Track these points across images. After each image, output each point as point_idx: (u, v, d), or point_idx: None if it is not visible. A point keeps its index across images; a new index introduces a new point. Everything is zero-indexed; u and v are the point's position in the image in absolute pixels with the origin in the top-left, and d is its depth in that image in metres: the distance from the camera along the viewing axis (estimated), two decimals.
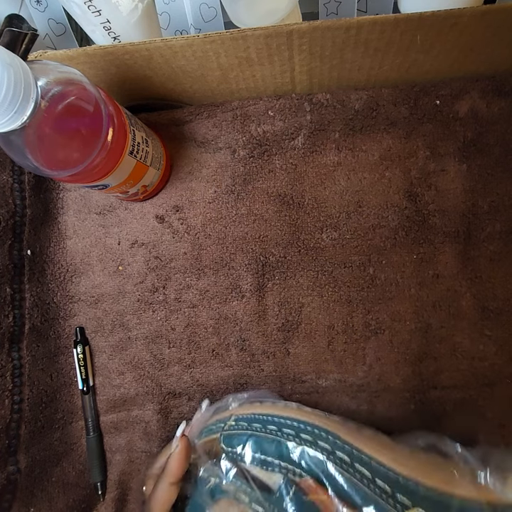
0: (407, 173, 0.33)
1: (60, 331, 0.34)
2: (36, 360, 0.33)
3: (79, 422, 0.34)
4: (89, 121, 0.23)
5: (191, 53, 0.28)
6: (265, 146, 0.34)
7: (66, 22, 0.34)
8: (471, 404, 0.32)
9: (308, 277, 0.33)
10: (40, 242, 0.34)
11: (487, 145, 0.32)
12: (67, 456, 0.33)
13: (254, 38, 0.26)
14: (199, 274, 0.34)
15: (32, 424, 0.32)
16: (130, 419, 0.34)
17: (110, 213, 0.35)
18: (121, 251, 0.34)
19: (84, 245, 0.35)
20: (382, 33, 0.26)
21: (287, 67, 0.30)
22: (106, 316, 0.34)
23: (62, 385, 0.34)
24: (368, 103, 0.33)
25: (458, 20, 0.26)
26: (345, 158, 0.33)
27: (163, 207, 0.34)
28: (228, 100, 0.34)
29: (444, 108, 0.33)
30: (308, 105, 0.33)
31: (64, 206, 0.35)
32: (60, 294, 0.34)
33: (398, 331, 0.33)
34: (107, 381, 0.34)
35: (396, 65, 0.31)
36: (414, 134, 0.33)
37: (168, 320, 0.34)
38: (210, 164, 0.34)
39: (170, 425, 0.34)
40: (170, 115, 0.34)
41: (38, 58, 0.27)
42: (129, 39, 0.31)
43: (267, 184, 0.34)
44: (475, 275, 0.32)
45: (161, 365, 0.34)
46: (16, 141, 0.21)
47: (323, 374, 0.33)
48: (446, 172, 0.33)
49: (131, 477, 0.34)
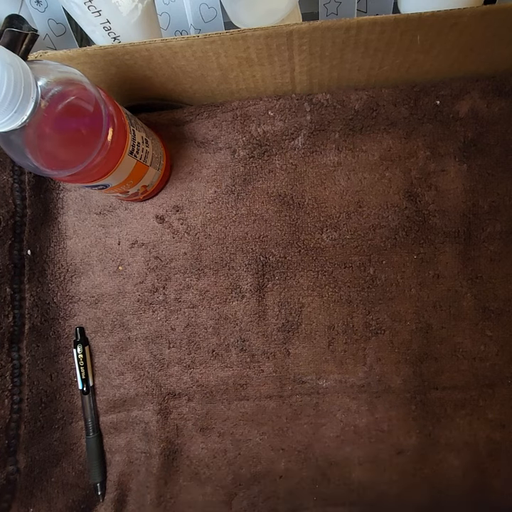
0: (408, 173, 0.33)
1: (60, 331, 0.34)
2: (36, 360, 0.32)
3: (78, 423, 0.34)
4: (89, 121, 0.23)
5: (191, 53, 0.28)
6: (265, 146, 0.34)
7: (66, 22, 0.34)
8: (472, 404, 0.32)
9: (309, 277, 0.33)
10: (40, 242, 0.34)
11: (487, 145, 0.32)
12: (67, 456, 0.33)
13: (254, 38, 0.26)
14: (199, 274, 0.34)
15: (31, 424, 0.31)
16: (130, 419, 0.34)
17: (110, 213, 0.35)
18: (121, 251, 0.34)
19: (84, 245, 0.35)
20: (382, 33, 0.26)
21: (287, 68, 0.30)
22: (106, 316, 0.34)
23: (62, 385, 0.34)
24: (368, 103, 0.33)
25: (458, 21, 0.26)
26: (345, 159, 0.33)
27: (163, 207, 0.34)
28: (228, 100, 0.34)
29: (444, 108, 0.33)
30: (308, 105, 0.33)
31: (64, 206, 0.35)
32: (60, 294, 0.34)
33: (399, 331, 0.33)
34: (106, 381, 0.34)
35: (396, 65, 0.31)
36: (414, 134, 0.33)
37: (168, 320, 0.34)
38: (210, 164, 0.34)
39: (169, 426, 0.34)
40: (170, 115, 0.34)
41: (38, 58, 0.27)
42: (129, 39, 0.31)
43: (267, 184, 0.34)
44: (475, 275, 0.32)
45: (161, 366, 0.34)
46: (16, 140, 0.21)
47: (324, 374, 0.33)
48: (447, 172, 0.33)
49: (131, 478, 0.34)
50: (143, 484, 0.33)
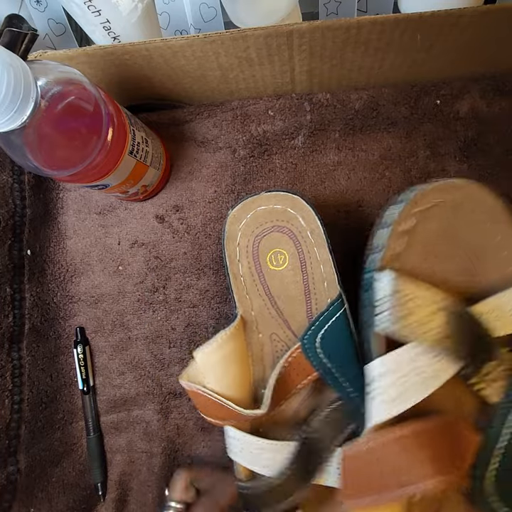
0: (408, 172, 0.33)
1: (60, 331, 0.34)
2: (36, 360, 0.32)
3: (79, 423, 0.34)
4: (89, 121, 0.23)
5: (191, 53, 0.28)
6: (265, 145, 0.34)
7: (66, 22, 0.34)
8: None
9: None
10: (40, 242, 0.34)
11: (488, 145, 0.32)
12: (68, 456, 0.33)
13: (254, 38, 0.26)
14: (199, 273, 0.34)
15: (32, 424, 0.32)
16: (130, 419, 0.34)
17: (110, 213, 0.35)
18: (121, 251, 0.34)
19: (84, 245, 0.35)
20: (382, 33, 0.26)
21: (287, 67, 0.30)
22: (106, 316, 0.34)
23: (62, 385, 0.34)
24: (368, 103, 0.33)
25: (458, 20, 0.26)
26: (345, 158, 0.33)
27: (163, 207, 0.34)
28: (228, 100, 0.34)
29: (444, 108, 0.33)
30: (308, 105, 0.33)
31: (64, 206, 0.35)
32: (60, 294, 0.34)
33: None
34: (107, 381, 0.34)
35: (396, 64, 0.31)
36: (414, 133, 0.33)
37: (168, 320, 0.34)
38: (210, 164, 0.34)
39: (170, 425, 0.34)
40: (170, 115, 0.34)
41: (38, 58, 0.27)
42: (129, 39, 0.31)
43: (267, 183, 0.34)
44: None
45: (162, 365, 0.34)
46: (15, 140, 0.21)
47: None
48: (447, 172, 0.33)
49: (132, 478, 0.34)
50: (144, 483, 0.33)
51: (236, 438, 0.25)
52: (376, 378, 0.21)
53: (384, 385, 0.20)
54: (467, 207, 0.23)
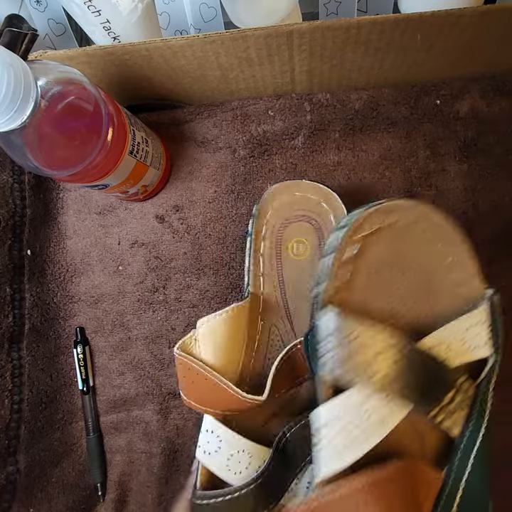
0: (408, 172, 0.33)
1: (60, 331, 0.34)
2: (36, 360, 0.32)
3: (79, 423, 0.34)
4: (89, 121, 0.23)
5: (191, 53, 0.28)
6: (265, 145, 0.34)
7: (66, 22, 0.34)
8: None
9: None
10: (40, 242, 0.34)
11: (488, 145, 0.32)
12: (67, 456, 0.33)
13: (254, 38, 0.26)
14: (199, 274, 0.34)
15: (32, 424, 0.31)
16: (130, 419, 0.34)
17: (110, 213, 0.35)
18: (121, 251, 0.34)
19: (84, 245, 0.35)
20: (382, 33, 0.26)
21: (287, 67, 0.30)
22: (106, 316, 0.34)
23: (62, 385, 0.34)
24: (368, 103, 0.33)
25: (458, 20, 0.26)
26: (345, 158, 0.33)
27: (163, 207, 0.34)
28: (228, 100, 0.34)
29: (444, 108, 0.33)
30: (308, 105, 0.33)
31: (64, 206, 0.35)
32: (60, 294, 0.34)
33: None
34: (107, 381, 0.34)
35: (396, 65, 0.31)
36: (414, 133, 0.33)
37: (168, 320, 0.34)
38: (210, 164, 0.34)
39: (170, 426, 0.34)
40: (170, 115, 0.34)
41: (38, 58, 0.27)
42: (129, 39, 0.31)
43: (267, 183, 0.34)
44: None
45: (162, 365, 0.34)
46: (15, 140, 0.21)
47: None
48: (447, 172, 0.33)
49: (132, 478, 0.34)
50: (143, 484, 0.33)
51: (216, 434, 0.22)
52: (322, 427, 0.19)
53: (331, 435, 0.18)
54: (419, 227, 0.21)
